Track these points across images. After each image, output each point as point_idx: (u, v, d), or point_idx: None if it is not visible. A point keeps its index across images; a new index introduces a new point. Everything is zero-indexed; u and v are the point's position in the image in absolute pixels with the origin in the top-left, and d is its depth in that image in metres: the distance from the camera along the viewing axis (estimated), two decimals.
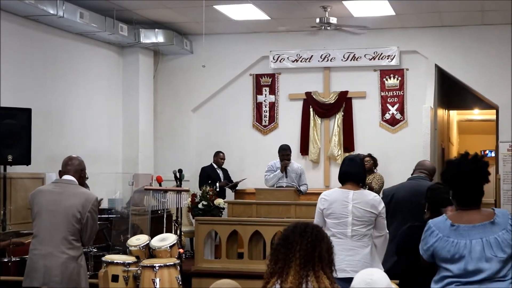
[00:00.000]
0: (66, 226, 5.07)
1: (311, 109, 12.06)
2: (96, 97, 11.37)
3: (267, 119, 12.33)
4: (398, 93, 11.74)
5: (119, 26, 10.88)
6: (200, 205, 9.59)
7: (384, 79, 11.79)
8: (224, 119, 12.49)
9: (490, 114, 14.69)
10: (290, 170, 9.86)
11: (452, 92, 13.64)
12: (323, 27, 10.49)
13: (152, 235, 7.49)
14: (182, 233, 9.73)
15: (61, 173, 5.35)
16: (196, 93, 12.56)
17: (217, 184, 10.64)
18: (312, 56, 11.98)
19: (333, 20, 10.33)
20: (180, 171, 9.64)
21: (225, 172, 11.56)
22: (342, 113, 11.94)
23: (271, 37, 12.09)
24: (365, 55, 11.75)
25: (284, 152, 9.85)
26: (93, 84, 11.28)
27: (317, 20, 10.41)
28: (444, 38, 11.52)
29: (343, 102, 11.94)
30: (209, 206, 9.57)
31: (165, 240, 7.12)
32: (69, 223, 5.08)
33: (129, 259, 6.89)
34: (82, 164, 5.38)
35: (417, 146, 11.23)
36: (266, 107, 12.33)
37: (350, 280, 3.26)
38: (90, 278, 6.10)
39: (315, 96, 12.05)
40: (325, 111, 12.02)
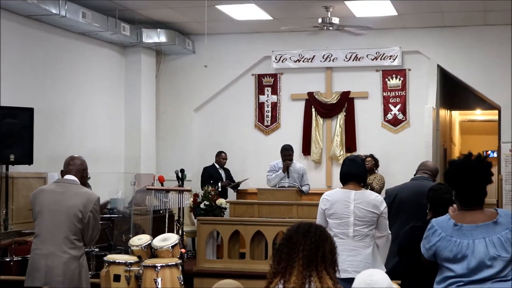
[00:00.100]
0: (68, 226, 5.07)
1: (313, 109, 12.06)
2: (98, 97, 11.37)
3: (269, 119, 12.33)
4: (400, 93, 11.73)
5: (121, 26, 10.88)
6: (202, 205, 9.58)
7: (386, 79, 11.78)
8: (226, 119, 12.49)
9: (492, 115, 14.67)
10: (292, 170, 9.84)
11: (454, 93, 13.63)
12: (325, 27, 10.49)
13: (154, 235, 7.49)
14: (184, 233, 9.74)
15: (63, 173, 5.35)
16: (198, 93, 12.56)
17: (219, 184, 10.63)
18: (314, 56, 11.97)
19: (335, 20, 10.33)
20: (182, 171, 9.64)
21: (227, 172, 11.57)
22: (344, 113, 11.94)
23: (273, 37, 12.09)
24: (367, 55, 11.75)
25: (286, 153, 9.83)
26: (95, 84, 11.29)
27: (319, 20, 10.41)
28: (446, 39, 11.51)
29: (345, 102, 11.94)
30: (211, 206, 9.57)
31: (167, 240, 7.11)
32: (71, 222, 5.08)
33: (131, 259, 6.88)
34: (84, 164, 5.38)
35: (419, 147, 11.23)
36: (268, 107, 12.33)
37: (352, 280, 3.25)
38: (92, 277, 6.10)
39: (317, 96, 12.04)
40: (327, 111, 12.01)
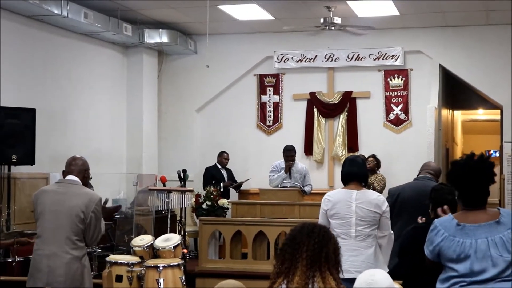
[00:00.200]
0: (69, 226, 5.07)
1: (315, 109, 12.05)
2: (100, 97, 11.38)
3: (271, 119, 12.32)
4: (402, 93, 11.72)
5: (123, 26, 10.89)
6: (204, 205, 9.58)
7: (388, 79, 11.77)
8: (228, 119, 12.48)
9: (494, 114, 14.66)
10: (295, 170, 9.83)
11: (456, 92, 13.62)
12: (327, 27, 10.48)
13: (156, 235, 7.50)
14: (186, 233, 9.75)
15: (65, 173, 5.34)
16: (200, 93, 12.56)
17: (221, 184, 10.63)
18: (316, 56, 11.97)
19: (337, 20, 10.32)
20: (184, 171, 9.65)
21: (229, 172, 11.57)
22: (346, 113, 11.93)
23: (275, 37, 12.09)
24: (369, 55, 11.74)
25: (288, 153, 9.80)
26: (97, 84, 11.29)
27: (321, 20, 10.39)
28: (448, 38, 11.50)
29: (347, 102, 11.93)
30: (213, 206, 9.56)
31: (169, 240, 7.12)
32: (72, 223, 5.07)
33: (133, 259, 6.89)
34: (85, 164, 5.37)
35: (421, 146, 11.21)
36: (270, 107, 12.32)
37: (354, 280, 3.25)
38: (94, 278, 6.09)
39: (319, 96, 12.04)
40: (329, 111, 12.00)
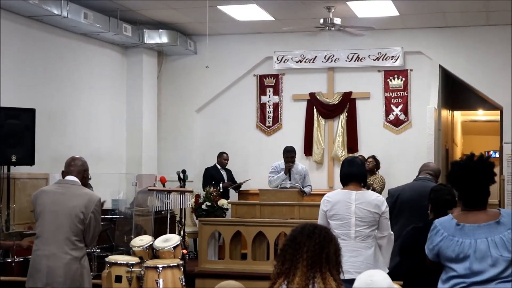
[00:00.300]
0: (69, 227, 5.07)
1: (315, 110, 12.05)
2: (100, 98, 11.38)
3: (271, 119, 12.32)
4: (402, 93, 11.72)
5: (123, 27, 10.89)
6: (203, 206, 9.58)
7: (388, 80, 11.77)
8: (228, 119, 12.48)
9: (494, 115, 14.65)
10: (294, 171, 9.83)
11: (456, 93, 13.62)
12: (327, 28, 10.48)
13: (155, 236, 7.49)
14: (186, 234, 9.74)
15: (64, 174, 5.35)
16: (200, 94, 12.56)
17: (220, 185, 10.64)
18: (316, 56, 11.97)
19: (337, 20, 10.33)
20: (184, 171, 9.64)
21: (229, 172, 11.56)
22: (346, 113, 11.93)
23: (275, 37, 12.09)
24: (369, 56, 11.74)
25: (288, 154, 9.80)
26: (97, 85, 11.29)
27: (321, 21, 10.40)
28: (448, 39, 11.50)
29: (347, 102, 11.93)
30: (213, 207, 9.56)
31: (169, 240, 7.11)
32: (72, 223, 5.07)
33: (133, 259, 6.88)
34: (85, 164, 5.37)
35: (421, 147, 11.21)
36: (270, 107, 12.32)
37: (354, 281, 3.25)
38: (93, 278, 6.10)
39: (319, 96, 12.03)
40: (329, 111, 12.00)
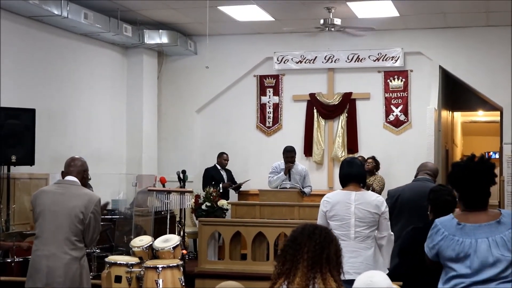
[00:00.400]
0: (69, 227, 5.07)
1: (315, 110, 12.05)
2: (100, 98, 11.38)
3: (271, 120, 12.32)
4: (402, 94, 11.72)
5: (123, 27, 10.89)
6: (203, 206, 9.57)
7: (388, 80, 11.77)
8: (228, 120, 12.48)
9: (494, 116, 14.65)
10: (294, 172, 9.82)
11: (456, 94, 13.62)
12: (327, 28, 10.48)
13: (155, 236, 7.49)
14: (186, 234, 9.75)
15: (64, 174, 5.34)
16: (200, 94, 12.56)
17: (220, 185, 10.63)
18: (316, 57, 11.97)
19: (337, 21, 10.32)
20: (184, 172, 9.64)
21: (229, 173, 11.56)
22: (346, 114, 11.93)
23: (275, 38, 12.09)
24: (369, 56, 11.74)
25: (288, 154, 9.80)
26: (97, 85, 11.29)
27: (321, 21, 10.40)
28: (448, 40, 11.50)
29: (347, 103, 11.93)
30: (213, 207, 9.56)
31: (169, 241, 7.11)
32: (71, 224, 5.07)
33: (132, 260, 6.88)
34: (84, 165, 5.37)
35: (421, 148, 11.21)
36: (270, 108, 12.32)
37: (353, 282, 3.25)
38: (93, 279, 6.11)
39: (319, 97, 12.04)
40: (329, 112, 12.00)
